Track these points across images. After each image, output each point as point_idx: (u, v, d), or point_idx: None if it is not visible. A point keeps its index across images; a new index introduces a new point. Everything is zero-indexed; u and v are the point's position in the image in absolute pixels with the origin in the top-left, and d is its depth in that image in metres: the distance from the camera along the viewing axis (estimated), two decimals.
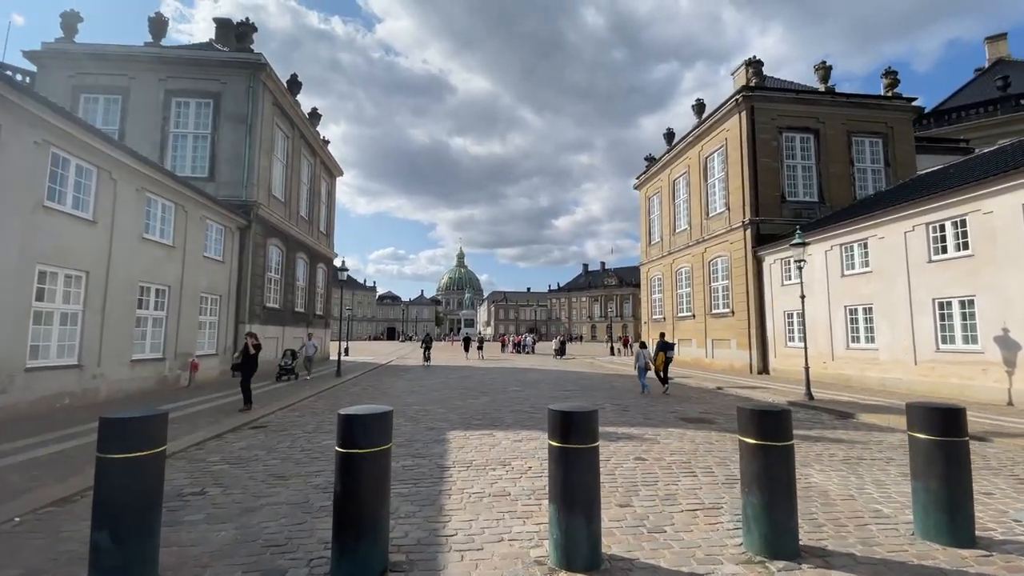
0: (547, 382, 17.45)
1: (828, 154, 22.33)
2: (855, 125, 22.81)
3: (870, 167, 22.76)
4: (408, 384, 16.77)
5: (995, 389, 11.83)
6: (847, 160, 22.55)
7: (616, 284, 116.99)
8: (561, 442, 3.54)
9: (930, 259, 13.59)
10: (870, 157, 22.86)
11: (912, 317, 14.02)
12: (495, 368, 24.38)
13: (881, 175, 22.84)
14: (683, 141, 27.08)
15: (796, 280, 19.18)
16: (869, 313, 15.65)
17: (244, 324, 18.19)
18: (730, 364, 22.32)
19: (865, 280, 15.72)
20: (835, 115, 22.61)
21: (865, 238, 15.75)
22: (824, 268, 17.43)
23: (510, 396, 13.21)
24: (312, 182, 26.29)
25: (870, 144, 22.92)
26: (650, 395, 13.84)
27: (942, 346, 13.28)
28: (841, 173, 22.40)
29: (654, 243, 31.29)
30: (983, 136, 28.60)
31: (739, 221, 21.70)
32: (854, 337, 16.26)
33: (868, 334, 15.70)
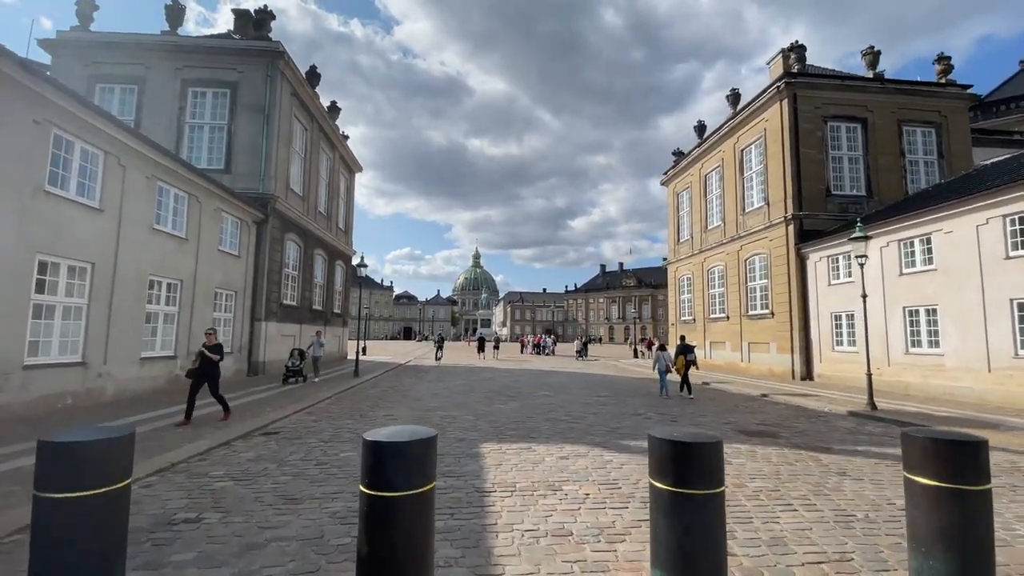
0: (576, 386, 16.39)
1: (877, 145, 20.85)
2: (906, 114, 21.28)
3: (922, 159, 21.20)
4: (429, 386, 15.87)
5: None
6: (897, 151, 21.03)
7: (635, 285, 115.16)
8: (674, 485, 2.52)
9: (1007, 255, 12.19)
10: (922, 148, 21.30)
11: (985, 319, 12.62)
12: (517, 370, 23.39)
13: (934, 167, 21.26)
14: (716, 133, 25.75)
15: (846, 279, 17.85)
16: (933, 315, 14.25)
17: (260, 321, 17.52)
18: (769, 369, 20.96)
19: (928, 279, 14.32)
20: (885, 103, 21.11)
21: (928, 232, 14.36)
22: (879, 266, 16.03)
23: (541, 402, 12.20)
24: (331, 177, 25.65)
25: (922, 134, 21.36)
26: (672, 398, 13.54)
27: (1021, 351, 11.87)
28: (891, 165, 20.89)
29: (683, 241, 29.95)
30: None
31: (780, 216, 20.35)
32: (914, 341, 14.86)
33: (932, 338, 14.30)
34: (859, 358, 17.04)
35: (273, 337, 18.32)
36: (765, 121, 21.77)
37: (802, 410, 12.02)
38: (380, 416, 9.98)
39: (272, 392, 13.23)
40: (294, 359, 15.82)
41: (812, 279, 19.17)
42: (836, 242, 17.80)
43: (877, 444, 7.81)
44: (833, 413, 11.66)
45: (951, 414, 10.99)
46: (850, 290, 17.32)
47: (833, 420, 10.55)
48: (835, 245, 17.92)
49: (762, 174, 22.01)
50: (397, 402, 12.15)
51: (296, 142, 20.72)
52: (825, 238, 18.39)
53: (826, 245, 18.30)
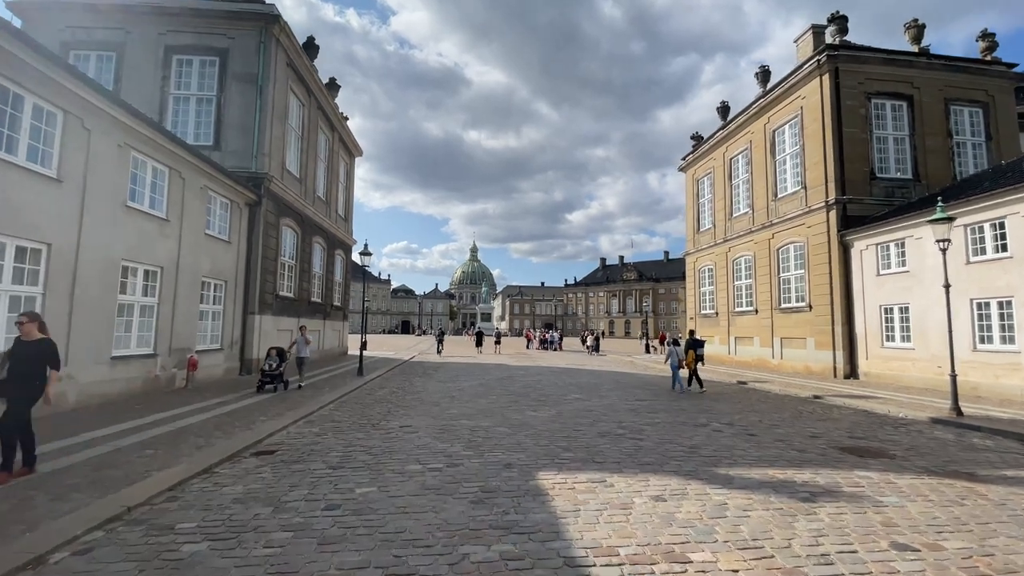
0: (605, 386, 14.82)
1: (924, 125, 19.24)
2: (953, 92, 19.66)
3: (970, 140, 19.62)
4: (443, 387, 14.25)
5: None
6: (945, 132, 19.43)
7: (636, 279, 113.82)
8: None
9: None
10: (970, 129, 19.71)
11: None
12: (532, 368, 21.80)
13: (982, 149, 19.70)
14: (743, 114, 24.07)
15: (899, 268, 16.28)
16: (1007, 308, 12.71)
17: (254, 315, 15.83)
18: (805, 366, 19.43)
19: (1001, 268, 12.76)
20: (931, 80, 19.48)
21: (1001, 216, 12.78)
22: (940, 254, 14.44)
23: (577, 407, 10.61)
24: (330, 159, 23.87)
25: (970, 114, 19.77)
26: (685, 393, 13.59)
27: None
28: (939, 147, 19.30)
29: (704, 230, 28.33)
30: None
31: (820, 201, 18.74)
32: (984, 337, 13.33)
33: (1006, 333, 12.77)
34: (914, 355, 15.58)
35: (268, 332, 16.65)
36: (802, 99, 20.10)
37: (874, 416, 10.47)
38: (395, 428, 8.36)
39: (266, 395, 11.58)
40: (271, 360, 12.44)
41: (857, 269, 17.60)
42: (887, 228, 16.22)
43: (1005, 468, 6.25)
44: (914, 420, 10.12)
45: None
46: (904, 281, 15.80)
47: (924, 430, 9.00)
48: (886, 231, 16.34)
49: (798, 156, 20.38)
50: (411, 407, 10.52)
51: (292, 118, 18.92)
52: (874, 224, 16.80)
53: (875, 232, 16.72)
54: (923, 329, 15.07)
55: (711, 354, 26.58)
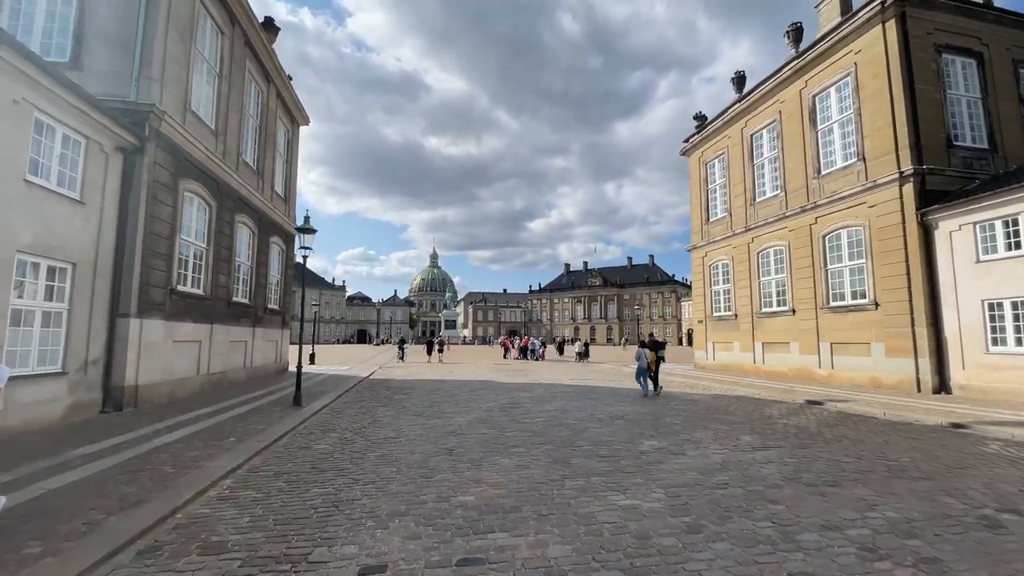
0: (671, 420, 10.31)
1: (996, 87, 16.11)
2: (1021, 53, 16.71)
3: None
4: (424, 425, 9.29)
5: None
6: (1016, 97, 16.39)
7: (600, 284, 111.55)
8: None
9: None
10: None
11: None
12: (532, 385, 17.07)
13: None
14: (770, 80, 20.48)
15: (1010, 252, 12.77)
16: None
17: (129, 318, 10.36)
18: (871, 378, 15.69)
19: None
20: (999, 36, 16.45)
21: None
22: None
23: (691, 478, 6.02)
24: (264, 120, 18.42)
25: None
26: (653, 398, 13.56)
27: None
28: (1012, 114, 16.21)
29: (715, 220, 24.61)
30: None
31: (890, 173, 15.13)
32: None
33: None
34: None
35: (156, 345, 11.17)
36: (855, 53, 16.59)
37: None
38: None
39: (124, 456, 6.35)
40: None
41: (945, 255, 14.02)
42: (992, 201, 12.71)
43: None
44: None
45: None
46: (1018, 267, 12.26)
47: None
48: (990, 206, 12.81)
49: (850, 123, 16.82)
50: (380, 487, 5.52)
51: (204, 43, 13.55)
52: (972, 198, 13.25)
53: (973, 207, 13.17)
54: None
55: (729, 364, 22.86)
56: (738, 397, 14.08)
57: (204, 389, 13.51)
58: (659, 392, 14.54)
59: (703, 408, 11.60)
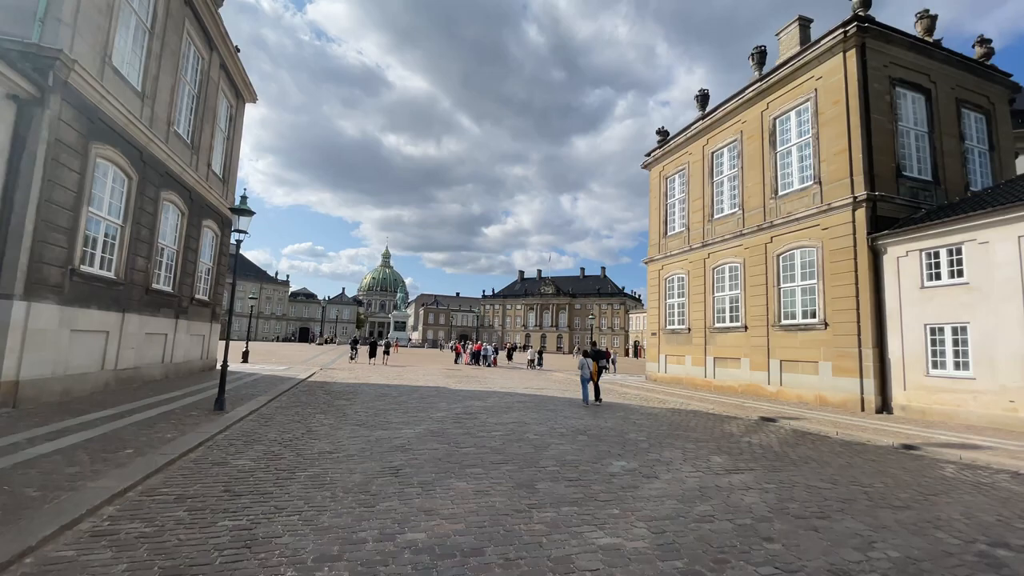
0: (612, 433, 9.75)
1: (941, 123, 17.01)
2: (963, 93, 17.78)
3: (976, 147, 17.79)
4: (367, 436, 8.26)
5: None
6: (958, 135, 17.38)
7: (553, 293, 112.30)
8: None
9: None
10: (976, 136, 17.91)
11: None
12: (486, 393, 16.22)
13: (986, 159, 17.96)
14: (733, 100, 20.86)
15: (953, 280, 13.26)
16: None
17: (11, 299, 8.67)
18: (818, 396, 16.00)
19: None
20: (945, 76, 17.41)
21: None
22: (1017, 262, 11.52)
23: (686, 515, 5.41)
24: (203, 90, 16.66)
25: (975, 120, 17.99)
26: (592, 407, 13.60)
27: None
28: (954, 150, 17.16)
29: (672, 234, 24.81)
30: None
31: (844, 197, 15.54)
32: None
33: None
34: (974, 386, 12.43)
35: (47, 334, 9.47)
36: (817, 79, 17.05)
37: None
38: None
39: None
40: None
41: (891, 280, 14.48)
42: (938, 230, 13.22)
43: None
44: None
45: None
46: (961, 295, 12.76)
47: None
48: (936, 234, 13.33)
49: (809, 146, 17.25)
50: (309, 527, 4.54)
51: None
52: (919, 225, 13.75)
53: (920, 234, 13.67)
54: (989, 355, 12.01)
55: (680, 377, 22.97)
56: (694, 412, 13.86)
57: (110, 387, 11.74)
58: (600, 402, 14.78)
59: (664, 424, 11.19)
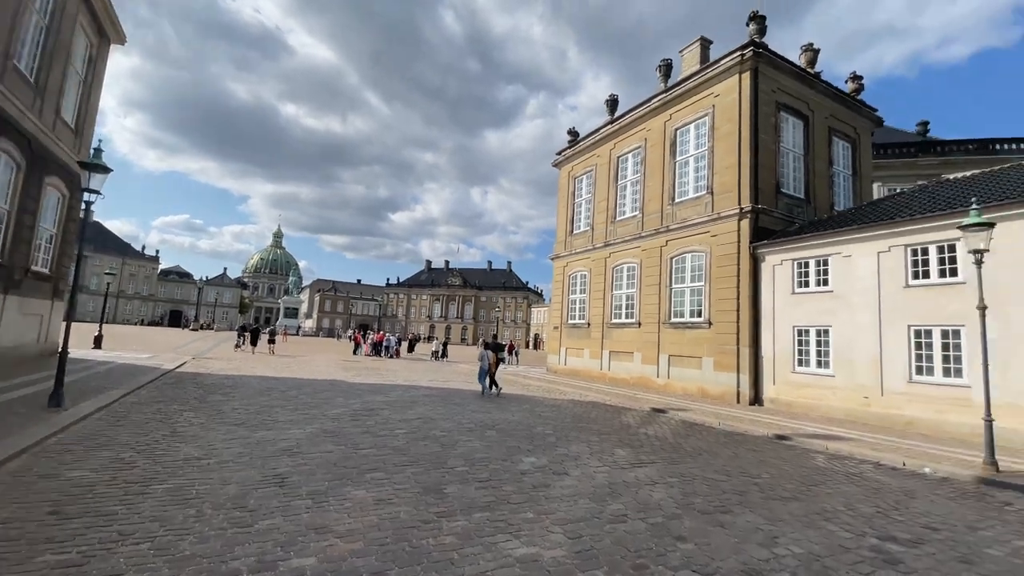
0: (519, 427, 9.66)
1: (814, 148, 19.27)
2: (835, 123, 20.30)
3: (842, 172, 20.48)
4: (250, 450, 7.23)
5: None
6: (828, 159, 19.82)
7: (460, 284, 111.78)
8: None
9: None
10: (842, 162, 20.61)
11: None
12: (390, 388, 15.37)
13: (849, 183, 20.74)
14: (640, 108, 21.91)
15: (818, 287, 15.01)
16: (955, 338, 11.77)
17: None
18: (700, 389, 17.42)
19: (952, 294, 11.81)
20: (821, 105, 19.74)
21: (952, 239, 11.89)
22: (874, 275, 13.37)
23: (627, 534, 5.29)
24: (58, 22, 13.68)
25: (843, 147, 20.69)
26: (491, 397, 13.94)
27: None
28: (823, 172, 19.54)
29: (578, 232, 25.58)
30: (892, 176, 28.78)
31: (732, 208, 17.00)
32: (924, 368, 12.29)
33: (952, 365, 11.79)
34: (833, 383, 14.30)
35: None
36: (715, 96, 18.43)
37: (899, 474, 7.65)
38: None
39: None
40: None
41: (768, 285, 16.12)
42: (809, 243, 14.94)
43: None
44: (947, 479, 7.56)
45: None
46: (826, 302, 14.55)
47: (988, 495, 6.22)
48: (807, 246, 15.05)
49: (707, 158, 18.61)
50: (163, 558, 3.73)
51: None
52: (794, 237, 15.45)
53: (794, 246, 15.35)
54: (848, 356, 13.83)
55: (578, 369, 23.84)
56: (594, 403, 14.34)
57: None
58: (498, 392, 15.25)
59: (568, 416, 11.36)
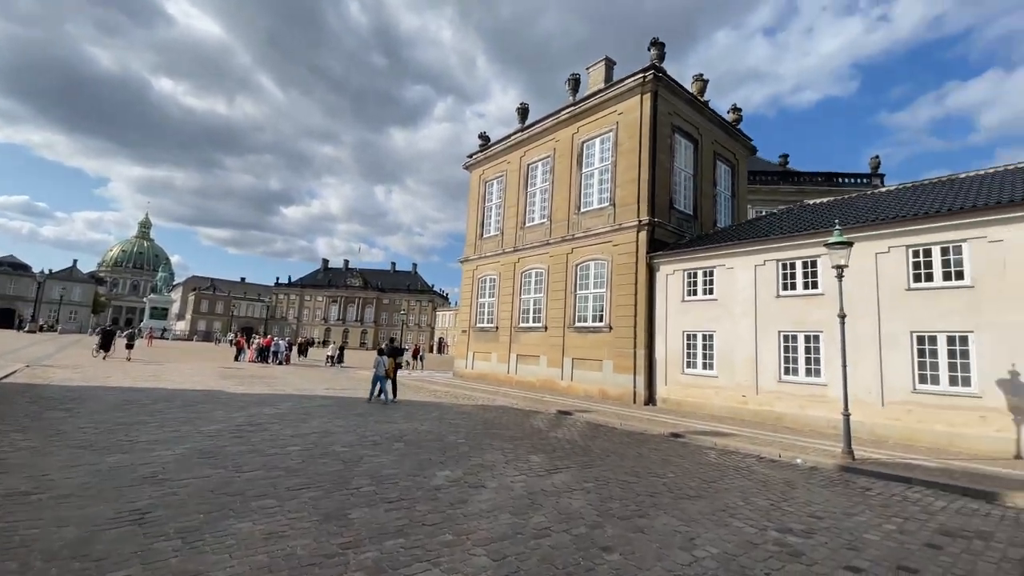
0: (429, 437, 9.20)
1: (702, 170, 21.12)
2: (719, 148, 22.46)
3: (724, 192, 22.69)
4: (100, 479, 5.93)
5: (998, 439, 10.31)
6: (712, 180, 21.85)
7: (361, 286, 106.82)
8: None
9: (909, 286, 11.92)
10: (724, 183, 22.84)
11: (880, 351, 12.11)
12: (272, 397, 13.87)
13: (729, 203, 23.04)
14: (550, 119, 22.47)
15: (705, 296, 16.38)
16: (815, 342, 13.45)
17: None
18: (600, 390, 18.16)
19: (813, 304, 13.51)
20: (709, 131, 21.72)
21: (814, 255, 13.62)
22: (752, 286, 14.88)
23: None
24: None
25: (725, 171, 22.94)
26: (385, 404, 13.51)
27: (919, 386, 11.58)
28: (708, 192, 21.49)
29: (488, 236, 25.53)
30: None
31: (632, 220, 18.01)
32: (791, 369, 13.90)
33: (812, 366, 13.46)
34: (717, 383, 15.66)
35: None
36: (619, 114, 19.46)
37: (777, 466, 8.56)
38: None
39: None
40: None
41: (661, 293, 17.28)
42: (698, 255, 16.26)
43: None
44: (815, 468, 8.60)
45: (970, 467, 8.95)
46: (711, 309, 15.92)
47: (851, 481, 7.22)
48: (696, 258, 16.37)
49: (610, 171, 19.54)
50: None
51: None
52: (685, 249, 16.73)
53: (685, 257, 16.62)
54: (729, 358, 15.20)
55: (486, 373, 23.73)
56: (503, 408, 14.25)
57: None
58: (394, 400, 14.57)
59: (479, 422, 11.09)
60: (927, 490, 7.11)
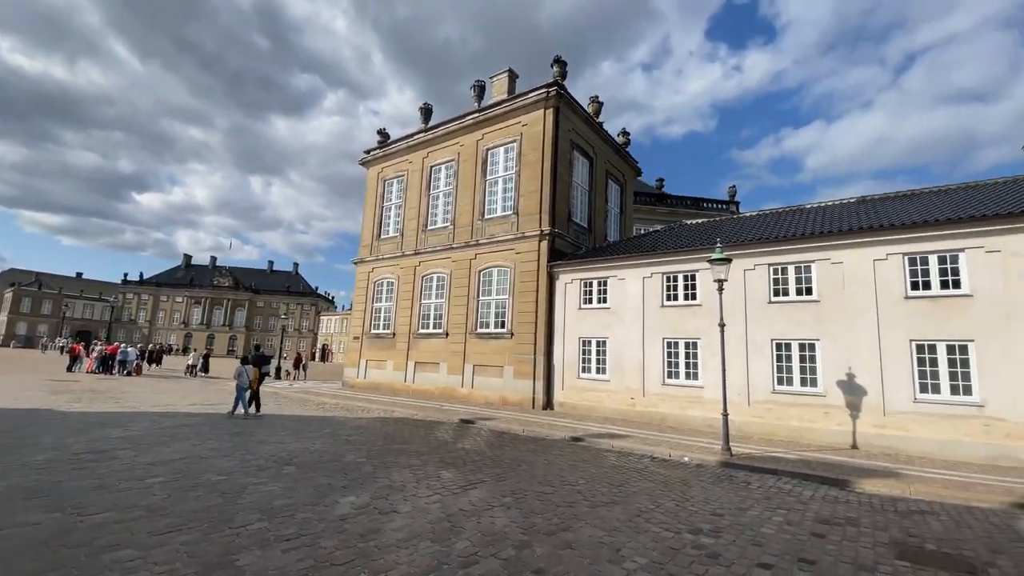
0: (326, 457, 8.35)
1: (596, 186, 22.32)
2: (611, 167, 23.92)
3: (613, 209, 24.20)
4: None
5: (838, 432, 12.16)
6: (605, 196, 23.20)
7: (230, 286, 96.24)
8: None
9: (770, 300, 13.64)
10: (614, 200, 24.36)
11: (747, 357, 13.68)
12: (120, 415, 11.65)
13: (618, 219, 24.64)
14: (454, 122, 22.20)
15: (599, 304, 17.24)
16: (693, 348, 14.80)
17: None
18: (501, 396, 18.20)
19: (692, 313, 14.88)
20: (603, 150, 23.05)
21: (694, 270, 15.03)
22: (640, 296, 15.97)
23: None
24: None
25: (615, 189, 24.49)
26: (244, 418, 12.52)
27: (778, 387, 13.26)
28: (601, 207, 22.77)
29: (386, 237, 24.38)
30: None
31: (534, 229, 18.41)
32: (672, 373, 15.11)
33: (691, 370, 14.77)
34: (609, 387, 16.53)
35: None
36: (523, 126, 19.83)
37: (669, 465, 9.25)
38: None
39: None
40: None
41: (560, 300, 17.87)
42: (594, 265, 17.11)
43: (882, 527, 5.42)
44: (700, 466, 9.43)
45: (820, 457, 10.40)
46: (604, 317, 16.79)
47: (733, 476, 8.09)
48: (592, 269, 17.19)
49: (514, 180, 19.80)
50: None
51: None
52: (582, 260, 17.47)
53: (583, 267, 17.37)
54: (620, 363, 16.12)
55: (380, 382, 22.55)
56: (402, 420, 13.55)
57: None
58: (258, 414, 13.40)
59: (378, 437, 10.35)
60: (793, 480, 8.08)
